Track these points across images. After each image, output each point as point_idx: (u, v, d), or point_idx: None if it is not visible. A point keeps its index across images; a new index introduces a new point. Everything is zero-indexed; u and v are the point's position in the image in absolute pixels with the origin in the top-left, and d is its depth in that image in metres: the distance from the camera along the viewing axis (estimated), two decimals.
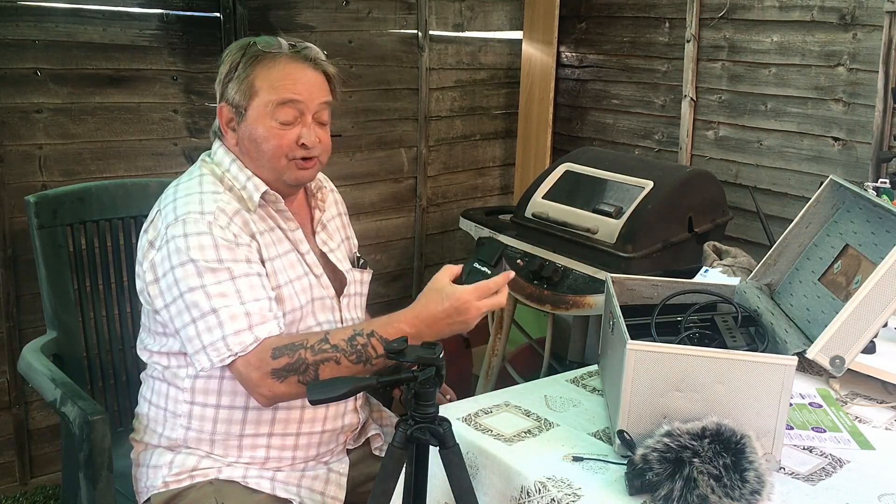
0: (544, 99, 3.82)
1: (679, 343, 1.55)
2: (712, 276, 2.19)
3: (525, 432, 1.55)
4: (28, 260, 2.57)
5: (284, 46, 1.66)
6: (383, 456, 1.37)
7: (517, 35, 3.89)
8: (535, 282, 2.70)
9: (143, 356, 1.74)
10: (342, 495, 1.76)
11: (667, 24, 3.39)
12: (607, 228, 2.62)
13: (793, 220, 1.71)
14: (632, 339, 1.41)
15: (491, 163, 3.99)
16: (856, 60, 2.82)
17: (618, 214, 2.63)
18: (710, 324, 1.66)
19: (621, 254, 2.56)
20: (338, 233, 1.87)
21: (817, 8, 2.90)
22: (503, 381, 2.98)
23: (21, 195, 2.40)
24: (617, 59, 3.62)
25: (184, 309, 1.56)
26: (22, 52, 2.67)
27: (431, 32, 3.60)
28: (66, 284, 2.00)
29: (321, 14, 3.26)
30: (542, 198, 2.85)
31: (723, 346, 1.57)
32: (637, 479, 1.32)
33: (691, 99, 3.30)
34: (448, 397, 1.88)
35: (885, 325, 1.79)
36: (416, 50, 3.57)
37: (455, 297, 1.49)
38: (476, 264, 1.53)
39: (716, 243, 2.45)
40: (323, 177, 1.87)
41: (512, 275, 1.54)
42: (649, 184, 2.66)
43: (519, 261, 2.79)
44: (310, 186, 1.81)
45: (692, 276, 2.19)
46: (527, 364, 3.25)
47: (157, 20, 2.89)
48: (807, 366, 1.75)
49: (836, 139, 2.90)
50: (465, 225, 3.33)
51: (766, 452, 1.37)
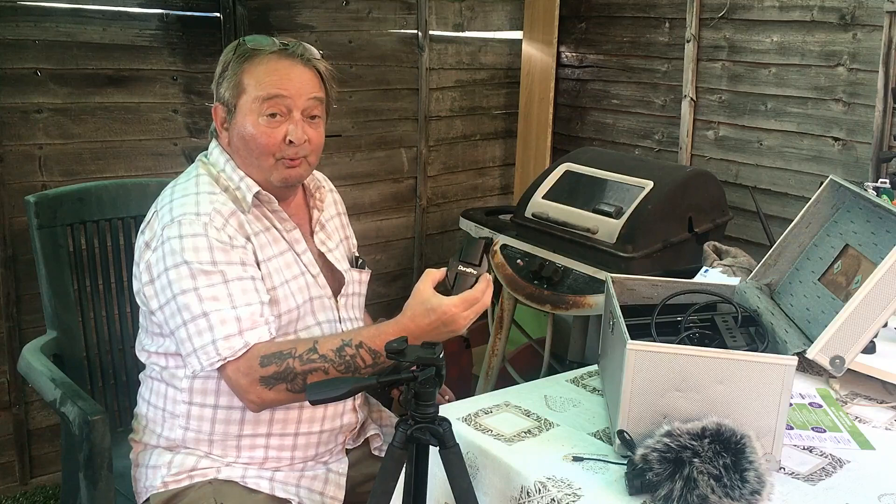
0: (544, 99, 3.82)
1: (679, 343, 1.55)
2: (712, 276, 2.19)
3: (525, 432, 1.55)
4: (28, 260, 2.56)
5: (275, 45, 1.66)
6: (383, 456, 1.37)
7: (517, 35, 3.89)
8: (535, 282, 2.70)
9: (142, 357, 1.74)
10: (341, 495, 1.76)
11: (667, 24, 3.39)
12: (607, 228, 2.62)
13: (793, 220, 1.71)
14: (632, 339, 1.41)
15: (491, 163, 3.99)
16: (856, 60, 2.82)
17: (618, 214, 2.63)
18: (710, 324, 1.66)
19: (621, 254, 2.56)
20: (336, 233, 1.87)
21: (817, 8, 2.90)
22: (503, 381, 2.97)
23: (21, 195, 2.40)
24: (617, 59, 3.62)
25: (176, 311, 1.56)
26: (22, 52, 2.67)
27: (431, 32, 3.60)
28: (66, 284, 2.00)
29: (321, 14, 3.26)
30: (542, 198, 2.85)
31: (723, 346, 1.57)
32: (637, 479, 1.32)
33: (691, 99, 3.30)
34: (447, 398, 1.87)
35: (885, 325, 1.78)
36: (416, 50, 3.57)
37: (441, 311, 1.48)
38: (461, 267, 1.51)
39: (716, 243, 2.45)
40: (322, 176, 1.87)
41: (489, 277, 1.52)
42: (649, 184, 2.66)
43: (519, 261, 2.79)
44: (308, 186, 1.81)
45: (692, 276, 2.19)
46: (527, 364, 3.25)
47: (157, 20, 2.89)
48: (807, 366, 1.75)
49: (836, 139, 2.90)
50: (465, 225, 3.32)
51: (766, 452, 1.37)
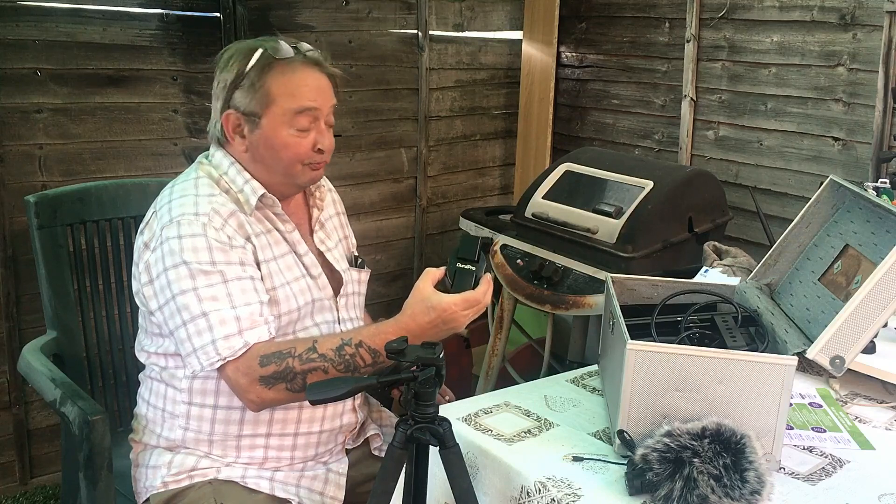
0: (544, 99, 3.82)
1: (679, 343, 1.54)
2: (712, 276, 2.19)
3: (525, 432, 1.55)
4: (28, 260, 2.56)
5: (291, 51, 1.65)
6: (383, 456, 1.37)
7: (517, 35, 3.89)
8: (535, 282, 2.70)
9: (141, 357, 1.74)
10: (341, 495, 1.76)
11: (667, 24, 3.39)
12: (607, 228, 2.62)
13: (793, 220, 1.71)
14: (632, 339, 1.41)
15: (491, 163, 3.99)
16: (856, 60, 2.82)
17: (618, 214, 2.63)
18: (710, 324, 1.66)
19: (621, 254, 2.56)
20: (335, 232, 1.87)
21: (817, 8, 2.90)
22: (503, 381, 2.97)
23: (21, 195, 2.40)
24: (617, 59, 3.62)
25: (175, 311, 1.56)
26: (22, 52, 2.67)
27: (431, 32, 3.60)
28: (66, 284, 2.00)
29: (321, 14, 3.26)
30: (542, 198, 2.85)
31: (723, 346, 1.57)
32: (637, 479, 1.32)
33: (691, 99, 3.30)
34: (447, 398, 1.87)
35: (885, 325, 1.79)
36: (416, 50, 3.57)
37: (441, 309, 1.50)
38: (459, 264, 1.52)
39: (716, 243, 2.45)
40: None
41: (490, 278, 1.54)
42: (649, 184, 2.66)
43: (519, 261, 2.79)
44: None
45: (692, 276, 2.19)
46: (527, 364, 3.25)
47: (157, 20, 2.89)
48: (807, 366, 1.75)
49: (836, 139, 2.90)
50: (465, 225, 3.32)
51: (766, 452, 1.37)
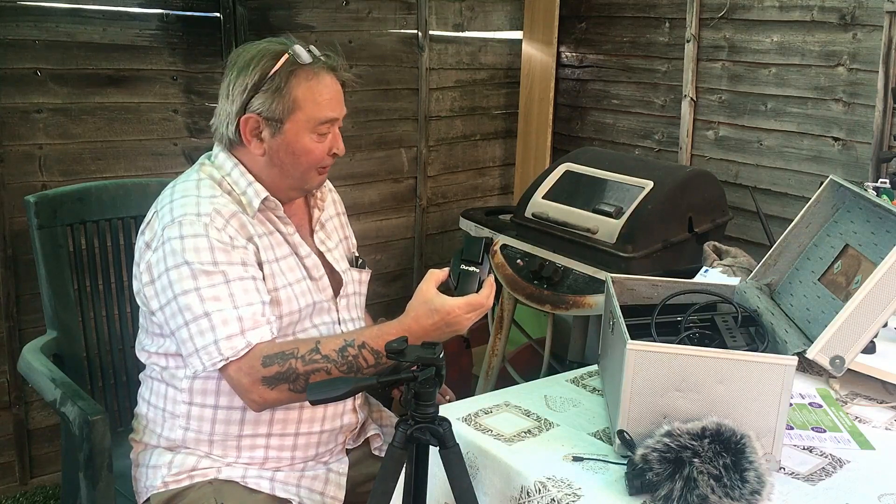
0: (544, 99, 3.82)
1: (679, 343, 1.55)
2: (712, 276, 2.19)
3: (525, 432, 1.55)
4: (28, 260, 2.57)
5: (309, 56, 1.63)
6: (383, 456, 1.37)
7: (517, 35, 3.89)
8: (535, 282, 2.70)
9: (142, 357, 1.74)
10: (342, 495, 1.76)
11: (667, 24, 3.39)
12: (607, 228, 2.62)
13: (793, 220, 1.71)
14: (632, 339, 1.41)
15: (491, 163, 3.99)
16: (856, 60, 2.82)
17: (618, 214, 2.63)
18: (710, 324, 1.66)
19: (621, 254, 2.56)
20: (336, 232, 1.87)
21: (817, 8, 2.90)
22: (503, 381, 2.97)
23: (21, 195, 2.39)
24: (617, 59, 3.62)
25: (177, 311, 1.56)
26: (22, 52, 2.67)
27: (431, 32, 3.60)
28: (66, 284, 2.00)
29: (321, 14, 3.26)
30: (542, 198, 2.85)
31: (723, 346, 1.57)
32: (637, 479, 1.32)
33: (691, 99, 3.30)
34: (447, 398, 1.87)
35: (885, 325, 1.79)
36: (416, 50, 3.57)
37: (445, 311, 1.50)
38: (463, 266, 1.52)
39: (716, 243, 2.45)
40: None
41: (493, 281, 1.54)
42: (649, 184, 2.66)
43: (519, 261, 2.79)
44: None
45: (692, 276, 2.19)
46: (527, 364, 3.25)
47: (157, 20, 2.89)
48: (807, 366, 1.75)
49: (836, 139, 2.90)
50: (465, 225, 3.32)
51: (766, 452, 1.37)
